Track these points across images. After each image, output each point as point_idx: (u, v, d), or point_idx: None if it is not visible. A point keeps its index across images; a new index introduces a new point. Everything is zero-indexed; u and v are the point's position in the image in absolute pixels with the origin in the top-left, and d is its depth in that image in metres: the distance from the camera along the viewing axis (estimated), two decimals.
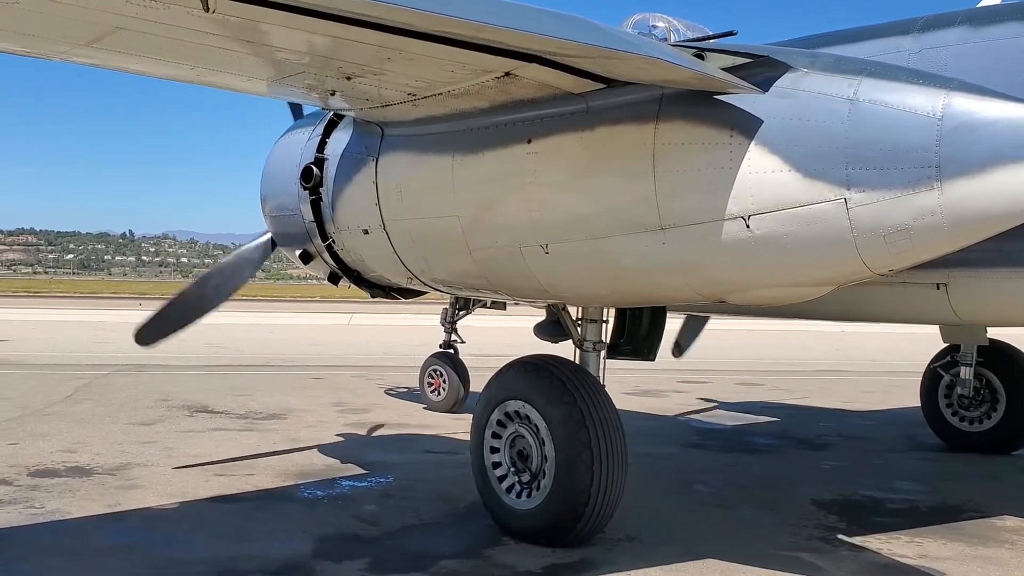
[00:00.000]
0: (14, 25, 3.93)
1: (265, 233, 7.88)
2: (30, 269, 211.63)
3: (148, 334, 7.81)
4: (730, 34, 6.54)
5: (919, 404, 10.26)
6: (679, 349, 11.80)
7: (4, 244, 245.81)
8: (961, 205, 3.81)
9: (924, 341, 12.33)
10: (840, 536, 6.10)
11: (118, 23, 3.88)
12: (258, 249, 8.00)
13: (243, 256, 8.08)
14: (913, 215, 3.90)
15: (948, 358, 9.85)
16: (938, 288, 6.22)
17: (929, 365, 10.16)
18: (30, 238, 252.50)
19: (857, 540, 6.01)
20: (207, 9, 3.49)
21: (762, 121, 4.22)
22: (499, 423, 5.89)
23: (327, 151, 6.61)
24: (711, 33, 7.13)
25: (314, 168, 6.60)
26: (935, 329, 8.82)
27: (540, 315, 8.68)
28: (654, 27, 7.63)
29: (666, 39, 7.17)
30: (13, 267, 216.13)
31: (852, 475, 8.24)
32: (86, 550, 5.48)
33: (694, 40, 6.85)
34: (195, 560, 5.31)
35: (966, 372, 9.58)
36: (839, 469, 8.55)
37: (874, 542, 5.99)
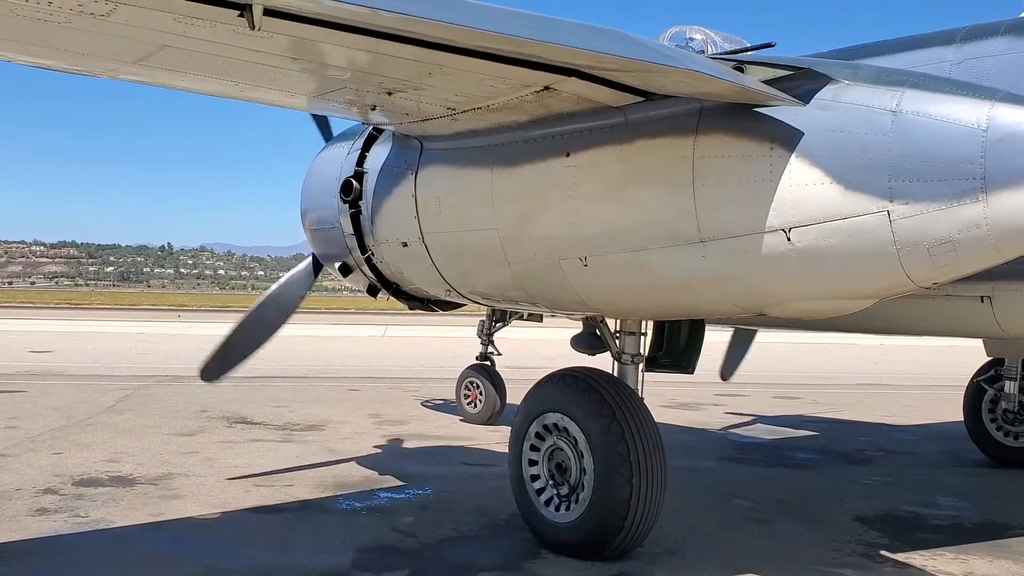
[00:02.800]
0: (65, 44, 4.02)
1: (308, 256, 7.95)
2: (71, 281, 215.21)
3: (213, 370, 7.89)
4: (768, 46, 6.51)
5: (962, 419, 10.11)
6: (727, 372, 11.74)
7: (47, 257, 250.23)
8: (1007, 217, 3.76)
9: (966, 354, 12.14)
10: (883, 552, 6.02)
11: (165, 41, 3.95)
12: (305, 271, 8.07)
13: (292, 280, 8.16)
14: (958, 228, 3.86)
15: (992, 372, 9.71)
16: (982, 301, 6.12)
17: (972, 379, 10.01)
18: (72, 251, 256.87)
19: (900, 556, 5.93)
20: (252, 27, 3.54)
21: (803, 133, 4.19)
22: (538, 436, 5.89)
23: (367, 165, 6.68)
24: (749, 45, 7.10)
25: (354, 182, 6.67)
26: (977, 342, 8.68)
27: (576, 327, 8.68)
28: (691, 39, 7.61)
29: (703, 51, 7.15)
30: (55, 279, 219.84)
31: (894, 490, 8.13)
32: (130, 558, 5.56)
33: (732, 52, 6.83)
34: (237, 569, 5.37)
35: (1011, 386, 9.43)
36: (881, 484, 8.44)
37: (918, 559, 5.90)
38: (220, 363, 7.91)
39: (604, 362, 6.34)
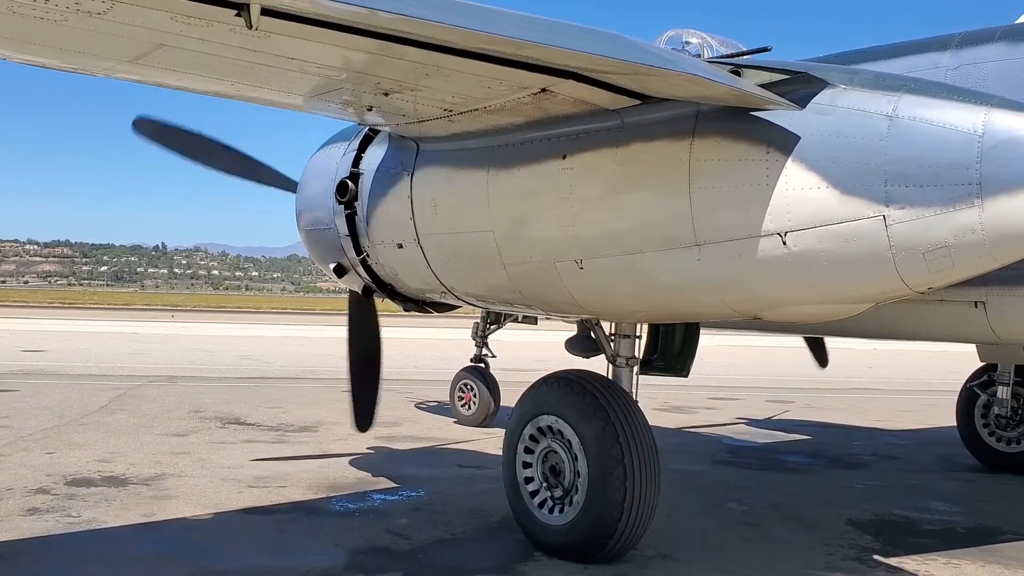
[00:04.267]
0: (60, 42, 4.00)
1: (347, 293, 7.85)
2: (65, 280, 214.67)
3: (363, 420, 7.87)
4: (764, 50, 6.53)
5: (955, 424, 10.13)
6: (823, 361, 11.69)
7: (40, 256, 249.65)
8: (1002, 223, 3.77)
9: (959, 359, 12.17)
10: (876, 557, 6.03)
11: (162, 40, 3.94)
12: (359, 303, 7.80)
13: (352, 317, 7.94)
14: (953, 233, 3.87)
15: (985, 377, 9.73)
16: (976, 306, 6.14)
17: (965, 384, 10.03)
18: (65, 250, 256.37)
19: (893, 561, 5.94)
20: (250, 27, 3.54)
21: (799, 137, 4.20)
22: (532, 438, 5.89)
23: (362, 166, 6.66)
24: (745, 49, 7.12)
25: (349, 183, 6.65)
26: (970, 347, 8.71)
27: (570, 330, 8.68)
28: (687, 43, 7.62)
29: (699, 55, 7.16)
30: (49, 278, 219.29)
31: (887, 495, 8.14)
32: (122, 558, 5.54)
33: (728, 56, 6.84)
34: (229, 570, 5.35)
35: (1003, 392, 9.44)
36: (874, 489, 8.45)
37: (910, 563, 5.91)
38: (364, 410, 7.87)
39: (599, 365, 6.34)
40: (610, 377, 6.11)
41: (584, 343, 7.18)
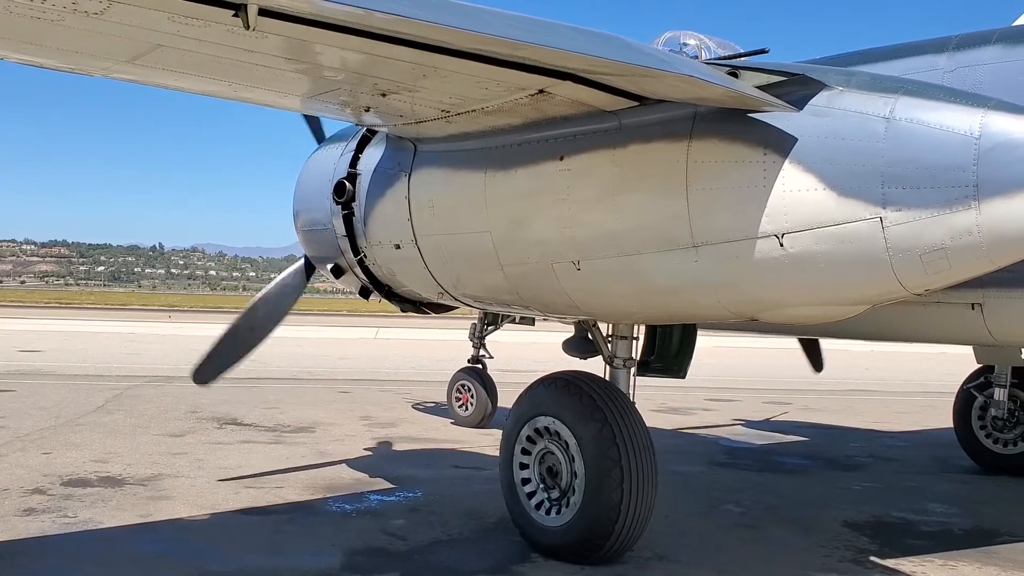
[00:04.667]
0: (58, 42, 4.00)
1: (300, 258, 7.94)
2: (62, 280, 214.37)
3: (205, 372, 7.87)
4: (762, 52, 6.54)
5: (952, 425, 10.14)
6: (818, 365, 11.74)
7: (37, 256, 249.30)
8: (999, 225, 3.78)
9: (956, 361, 12.18)
10: (873, 558, 6.03)
11: (159, 41, 3.94)
12: (297, 274, 8.07)
13: (284, 283, 8.16)
14: (950, 235, 3.87)
15: (982, 379, 9.74)
16: (973, 308, 6.15)
17: (962, 386, 10.04)
18: (62, 250, 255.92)
19: (890, 563, 5.94)
20: (247, 27, 3.53)
21: (797, 139, 4.20)
22: (529, 439, 5.88)
23: (360, 166, 6.66)
24: (742, 51, 7.12)
25: (347, 183, 6.65)
26: (967, 349, 8.72)
27: (567, 331, 8.67)
28: (685, 45, 7.62)
29: (697, 57, 7.16)
30: (45, 278, 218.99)
31: (884, 497, 8.14)
32: (119, 559, 5.53)
33: (725, 58, 6.85)
34: (226, 571, 5.35)
35: (1000, 393, 9.45)
36: (871, 490, 8.45)
37: (907, 565, 5.92)
38: (212, 366, 7.89)
39: (596, 366, 6.34)
40: (607, 378, 6.11)
41: (581, 344, 7.17)
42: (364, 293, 7.49)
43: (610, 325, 6.34)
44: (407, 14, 3.51)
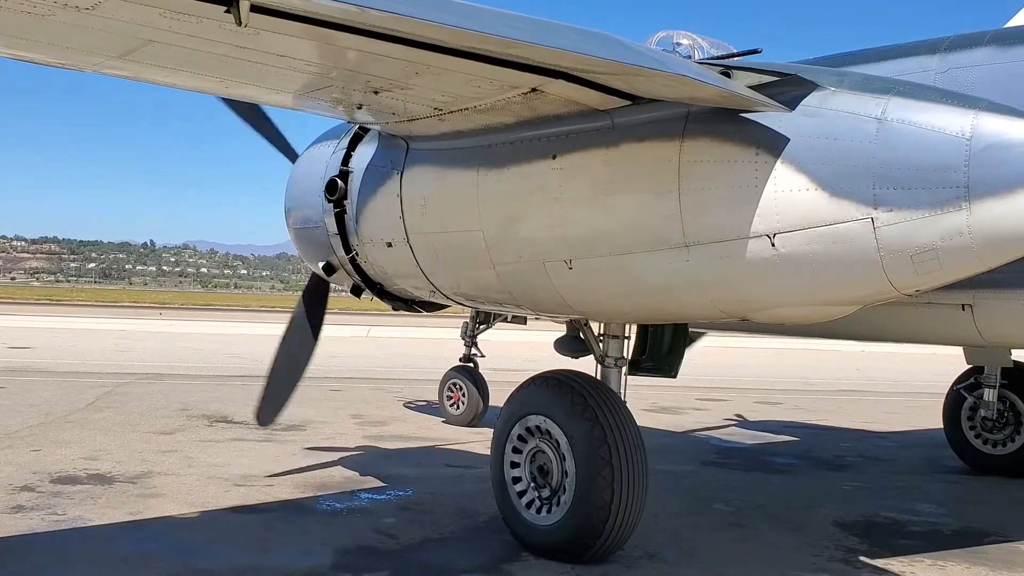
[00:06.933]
0: (49, 37, 3.98)
1: (312, 275, 7.86)
2: (52, 277, 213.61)
3: (267, 413, 7.71)
4: (755, 52, 6.54)
5: (941, 426, 10.17)
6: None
7: (27, 252, 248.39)
8: (990, 226, 3.78)
9: (946, 362, 12.22)
10: (862, 558, 6.05)
11: (150, 36, 3.91)
12: (316, 290, 7.92)
13: (306, 301, 7.98)
14: (941, 235, 3.88)
15: (971, 380, 9.77)
16: (963, 309, 6.18)
17: (952, 387, 10.08)
18: (53, 247, 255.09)
19: (879, 563, 5.96)
20: (239, 23, 3.52)
21: (789, 139, 4.21)
22: (520, 438, 5.88)
23: (352, 164, 6.65)
24: (735, 51, 7.13)
25: (339, 181, 6.63)
26: (957, 350, 8.75)
27: (559, 330, 8.67)
28: (678, 44, 7.62)
29: (690, 57, 7.17)
30: (36, 275, 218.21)
31: (874, 496, 8.16)
32: (108, 557, 5.51)
33: (718, 58, 6.85)
34: (216, 569, 5.33)
35: (990, 394, 9.48)
36: (860, 490, 8.47)
37: (896, 565, 5.93)
38: (271, 403, 7.75)
39: (587, 365, 6.34)
40: (599, 377, 6.12)
41: (573, 343, 7.17)
42: (356, 291, 7.47)
43: (602, 324, 6.35)
44: (401, 11, 3.50)
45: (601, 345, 6.31)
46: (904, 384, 20.51)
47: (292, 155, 8.07)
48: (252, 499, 7.14)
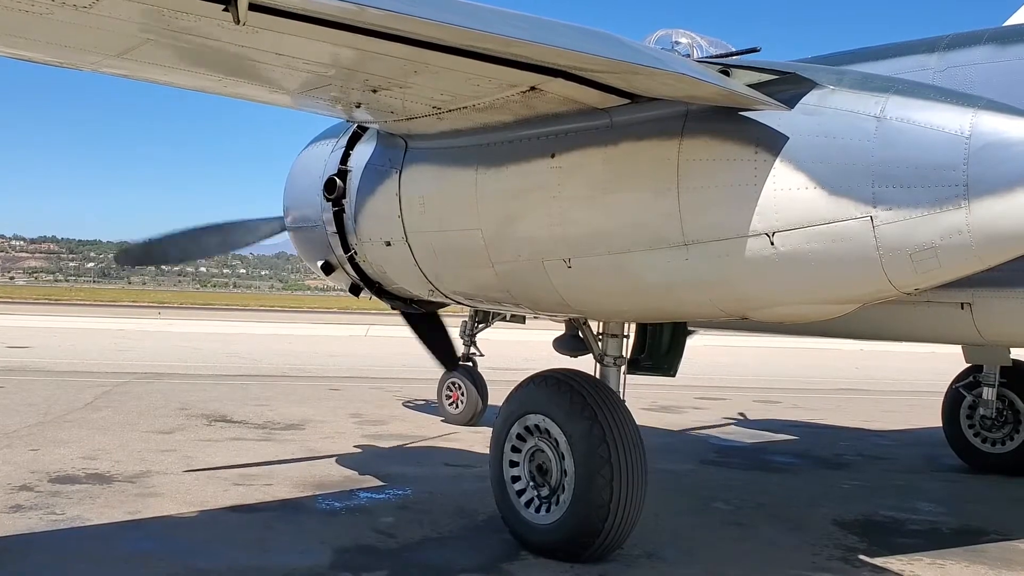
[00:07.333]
0: (47, 36, 3.98)
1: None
2: (52, 277, 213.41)
3: (132, 256, 7.98)
4: (754, 51, 6.54)
5: (940, 424, 10.18)
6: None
7: (26, 252, 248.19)
8: (989, 224, 3.78)
9: (945, 360, 12.22)
10: (861, 557, 6.04)
11: (148, 35, 3.91)
12: (269, 224, 8.12)
13: (251, 224, 8.29)
14: (940, 234, 3.87)
15: (970, 378, 9.78)
16: (962, 307, 6.18)
17: (951, 385, 10.09)
18: (52, 246, 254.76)
19: (878, 561, 5.96)
20: (238, 22, 3.51)
21: (788, 138, 4.20)
22: (519, 437, 5.88)
23: (350, 163, 6.64)
24: (734, 50, 7.12)
25: (337, 180, 6.63)
26: (956, 348, 8.75)
27: (558, 329, 8.67)
28: (677, 43, 7.61)
29: (689, 55, 7.16)
30: (35, 274, 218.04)
31: (873, 495, 8.16)
32: (107, 556, 5.50)
33: (717, 56, 6.85)
34: (214, 569, 5.32)
35: (989, 393, 9.49)
36: (860, 489, 8.48)
37: (896, 563, 5.93)
38: (144, 253, 7.97)
39: (586, 364, 6.34)
40: (598, 376, 6.11)
41: (572, 342, 7.18)
42: (354, 290, 7.47)
43: (601, 323, 6.34)
44: (400, 10, 3.50)
45: (600, 344, 6.30)
46: (903, 383, 20.52)
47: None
48: (251, 498, 7.13)
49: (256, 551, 5.71)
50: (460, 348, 12.30)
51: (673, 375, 6.78)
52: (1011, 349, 8.73)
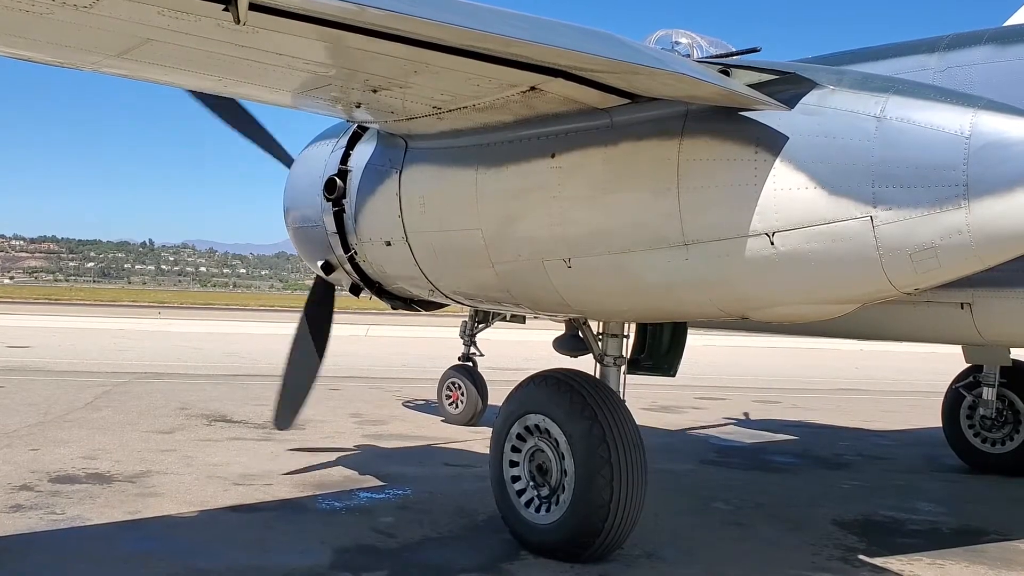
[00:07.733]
0: (47, 36, 3.97)
1: (315, 276, 7.88)
2: (51, 276, 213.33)
3: (283, 417, 7.79)
4: (754, 51, 6.54)
5: (940, 424, 10.18)
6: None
7: (26, 251, 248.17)
8: (989, 224, 3.78)
9: (945, 360, 12.23)
10: (861, 556, 6.05)
11: (148, 35, 3.91)
12: (321, 293, 7.96)
13: (312, 306, 8.03)
14: (940, 234, 3.88)
15: (970, 378, 9.78)
16: (962, 308, 6.18)
17: (951, 385, 10.09)
18: (52, 246, 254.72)
19: (878, 561, 5.96)
20: (238, 22, 3.51)
21: (788, 138, 4.21)
22: (519, 437, 5.88)
23: (351, 163, 6.64)
24: (734, 50, 7.13)
25: (337, 180, 6.62)
26: (956, 349, 8.75)
27: (558, 329, 8.68)
28: (677, 43, 7.61)
29: (689, 55, 7.16)
30: (35, 274, 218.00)
31: (873, 495, 8.16)
32: (107, 556, 5.50)
33: (717, 56, 6.85)
34: (214, 569, 5.32)
35: (989, 393, 9.49)
36: (859, 489, 8.48)
37: (895, 563, 5.93)
38: (287, 407, 7.79)
39: (586, 364, 6.34)
40: (598, 376, 6.11)
41: (572, 342, 7.18)
42: (354, 290, 7.47)
43: (601, 323, 6.34)
44: (400, 10, 3.50)
45: (600, 344, 6.31)
46: (903, 383, 20.53)
47: (286, 159, 8.08)
48: (251, 498, 7.13)
49: (256, 551, 5.71)
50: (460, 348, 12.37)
51: (673, 375, 6.78)
52: (1011, 349, 8.73)
